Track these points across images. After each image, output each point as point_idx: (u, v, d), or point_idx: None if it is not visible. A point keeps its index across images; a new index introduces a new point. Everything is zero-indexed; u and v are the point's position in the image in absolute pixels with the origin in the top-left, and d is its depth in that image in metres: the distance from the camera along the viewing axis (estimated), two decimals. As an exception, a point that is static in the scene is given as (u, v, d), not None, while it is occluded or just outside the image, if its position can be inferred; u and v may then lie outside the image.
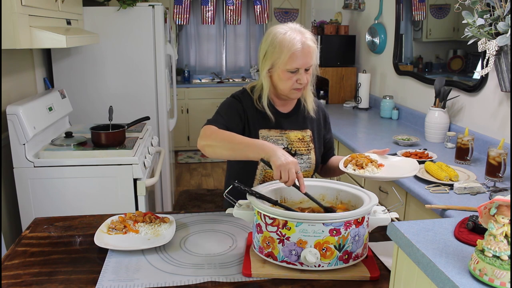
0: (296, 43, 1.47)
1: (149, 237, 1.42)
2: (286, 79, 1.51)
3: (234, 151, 1.41)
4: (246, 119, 1.60)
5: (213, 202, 4.16)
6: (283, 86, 1.54)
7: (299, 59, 1.48)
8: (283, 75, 1.51)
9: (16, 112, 2.12)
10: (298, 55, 1.47)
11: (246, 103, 1.61)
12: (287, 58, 1.48)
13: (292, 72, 1.50)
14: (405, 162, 1.57)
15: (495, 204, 0.82)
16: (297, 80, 1.51)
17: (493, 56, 1.90)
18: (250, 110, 1.60)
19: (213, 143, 1.45)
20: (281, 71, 1.51)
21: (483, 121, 2.33)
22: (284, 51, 1.47)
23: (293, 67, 1.49)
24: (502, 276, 0.79)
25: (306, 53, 1.49)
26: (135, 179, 2.25)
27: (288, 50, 1.47)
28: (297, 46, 1.47)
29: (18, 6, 1.88)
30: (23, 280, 1.21)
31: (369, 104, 3.67)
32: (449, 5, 2.66)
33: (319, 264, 1.18)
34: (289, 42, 1.47)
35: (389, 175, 1.47)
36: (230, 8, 5.99)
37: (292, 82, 1.52)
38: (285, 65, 1.49)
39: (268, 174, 1.60)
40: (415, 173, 1.46)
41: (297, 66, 1.49)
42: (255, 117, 1.60)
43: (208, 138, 1.46)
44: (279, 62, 1.50)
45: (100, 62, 3.15)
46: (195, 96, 5.74)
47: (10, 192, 2.35)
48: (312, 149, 1.65)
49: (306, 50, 1.49)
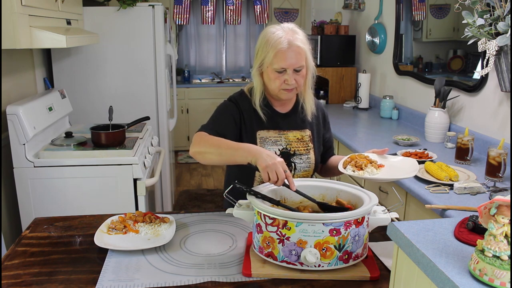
0: (282, 42, 1.46)
1: (149, 237, 1.42)
2: (274, 78, 1.50)
3: (222, 156, 1.41)
4: (243, 122, 1.59)
5: (213, 202, 4.16)
6: (272, 86, 1.53)
7: (285, 59, 1.46)
8: (271, 75, 1.50)
9: (16, 112, 2.12)
10: (283, 55, 1.46)
11: (243, 105, 1.60)
12: (272, 57, 1.47)
13: (280, 72, 1.49)
14: (405, 162, 1.55)
15: (495, 204, 0.82)
16: (285, 81, 1.50)
17: (493, 56, 1.90)
18: (247, 112, 1.59)
19: (202, 150, 1.45)
20: (270, 70, 1.50)
21: (483, 121, 2.33)
22: (271, 49, 1.47)
23: (279, 67, 1.48)
24: (502, 276, 0.78)
25: (294, 53, 1.47)
26: (135, 179, 2.25)
27: (274, 49, 1.46)
28: (282, 45, 1.46)
29: (18, 6, 1.88)
30: (23, 280, 1.21)
31: (369, 104, 3.67)
32: (449, 5, 2.66)
33: (319, 264, 1.18)
34: (276, 40, 1.46)
35: (388, 176, 1.46)
36: (230, 8, 5.99)
37: (280, 82, 1.50)
38: (272, 64, 1.48)
39: None
40: (414, 174, 1.44)
41: (283, 66, 1.47)
42: (253, 118, 1.59)
43: (198, 145, 1.47)
44: (266, 60, 1.49)
45: (100, 62, 3.15)
46: (195, 96, 5.74)
47: (10, 192, 2.35)
48: (311, 149, 1.65)
49: (294, 50, 1.47)
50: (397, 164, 1.53)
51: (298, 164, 1.61)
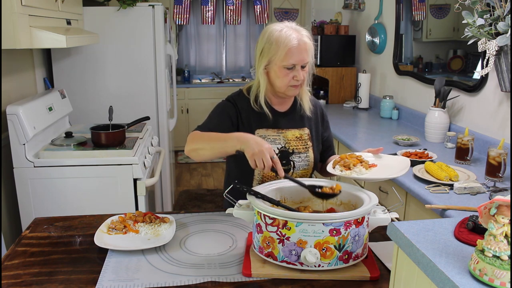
0: (292, 40, 1.50)
1: (149, 237, 1.42)
2: (283, 75, 1.53)
3: (214, 150, 1.45)
4: (240, 121, 1.61)
5: (213, 202, 4.16)
6: (280, 83, 1.55)
7: (296, 55, 1.50)
8: (280, 72, 1.53)
9: (16, 112, 2.12)
10: (294, 51, 1.49)
11: (241, 104, 1.62)
12: (283, 54, 1.50)
13: (289, 69, 1.52)
14: (396, 161, 1.54)
15: (495, 204, 0.82)
16: (294, 77, 1.53)
17: (493, 56, 1.90)
18: (245, 112, 1.61)
19: (195, 147, 1.49)
20: (278, 67, 1.53)
21: (483, 121, 2.33)
22: (281, 47, 1.49)
23: (290, 63, 1.51)
24: (502, 276, 0.78)
25: (303, 49, 1.51)
26: (135, 179, 2.25)
27: (285, 46, 1.49)
28: (293, 42, 1.49)
29: (18, 6, 1.88)
30: (23, 280, 1.21)
31: (369, 104, 3.67)
32: (449, 5, 2.66)
33: (319, 264, 1.18)
34: (286, 38, 1.50)
35: (376, 176, 1.44)
36: (230, 8, 5.99)
37: (288, 79, 1.53)
38: (281, 61, 1.51)
39: (266, 174, 1.60)
40: (403, 173, 1.42)
41: (294, 62, 1.51)
42: (251, 118, 1.61)
43: (191, 143, 1.51)
44: (276, 58, 1.52)
45: (100, 62, 3.15)
46: (195, 96, 5.74)
47: (10, 192, 2.35)
48: (310, 147, 1.66)
49: (303, 46, 1.51)
50: (390, 163, 1.52)
51: (297, 162, 1.62)
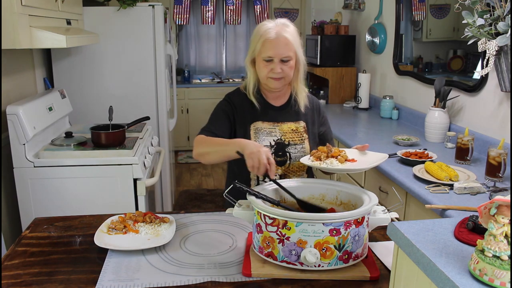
0: (270, 33, 1.55)
1: (149, 237, 1.42)
2: (263, 67, 1.59)
3: (218, 154, 1.50)
4: (236, 115, 1.65)
5: (213, 202, 4.16)
6: (261, 74, 1.61)
7: (272, 48, 1.54)
8: (261, 64, 1.59)
9: (16, 112, 2.12)
10: (270, 44, 1.54)
11: (237, 100, 1.67)
12: (260, 46, 1.56)
13: (267, 61, 1.56)
14: (374, 156, 1.58)
15: (495, 204, 0.82)
16: (271, 69, 1.57)
17: (493, 56, 1.90)
18: (239, 106, 1.66)
19: (202, 151, 1.55)
20: (259, 59, 1.59)
21: (483, 121, 2.33)
22: (260, 40, 1.56)
23: (266, 56, 1.55)
24: (502, 276, 0.78)
25: (281, 43, 1.54)
26: (135, 179, 2.25)
27: (262, 38, 1.55)
28: (270, 35, 1.54)
29: (18, 6, 1.88)
30: (23, 280, 1.21)
31: (369, 104, 3.66)
32: (449, 5, 2.66)
33: (319, 264, 1.18)
34: (264, 31, 1.56)
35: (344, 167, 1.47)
36: (230, 8, 5.99)
37: (267, 70, 1.58)
38: (260, 53, 1.57)
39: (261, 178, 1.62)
40: (372, 166, 1.50)
41: (270, 55, 1.55)
42: (246, 111, 1.65)
43: (198, 147, 1.56)
44: (256, 50, 1.58)
45: (100, 62, 3.15)
46: (195, 96, 5.74)
47: (10, 192, 2.35)
48: (305, 139, 1.69)
49: (282, 40, 1.54)
50: (369, 159, 1.55)
51: (293, 154, 1.65)
